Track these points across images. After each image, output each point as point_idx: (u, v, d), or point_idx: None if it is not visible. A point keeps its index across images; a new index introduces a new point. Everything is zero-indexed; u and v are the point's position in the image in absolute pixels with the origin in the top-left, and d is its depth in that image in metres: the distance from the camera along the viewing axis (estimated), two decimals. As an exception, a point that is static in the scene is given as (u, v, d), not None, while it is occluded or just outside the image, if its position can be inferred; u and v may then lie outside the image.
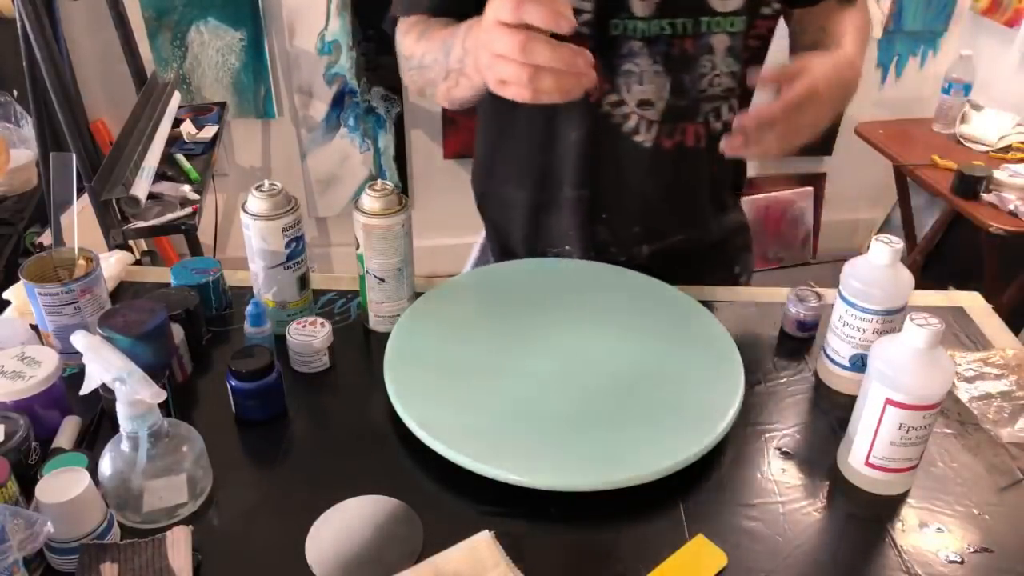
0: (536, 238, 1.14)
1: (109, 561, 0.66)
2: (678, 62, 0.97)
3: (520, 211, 1.14)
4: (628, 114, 1.00)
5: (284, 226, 0.91)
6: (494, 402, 0.83)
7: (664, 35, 0.95)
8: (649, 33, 0.95)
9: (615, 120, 1.01)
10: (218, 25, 2.41)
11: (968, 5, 2.66)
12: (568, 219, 1.10)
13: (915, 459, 0.77)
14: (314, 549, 0.70)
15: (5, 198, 1.97)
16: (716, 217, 1.15)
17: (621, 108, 1.00)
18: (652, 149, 1.02)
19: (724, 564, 0.70)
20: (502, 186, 1.15)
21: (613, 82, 0.98)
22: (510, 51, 0.71)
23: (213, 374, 0.93)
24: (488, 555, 0.69)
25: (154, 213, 1.78)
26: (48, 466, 0.72)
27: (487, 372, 0.87)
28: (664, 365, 0.90)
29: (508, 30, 0.71)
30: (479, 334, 0.93)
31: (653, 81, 0.98)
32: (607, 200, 1.07)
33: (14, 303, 0.99)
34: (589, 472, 0.75)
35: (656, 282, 1.03)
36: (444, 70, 0.89)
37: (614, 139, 1.02)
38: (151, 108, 2.03)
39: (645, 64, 0.97)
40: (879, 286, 0.84)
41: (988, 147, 2.30)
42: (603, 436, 0.79)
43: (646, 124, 1.01)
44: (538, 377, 0.87)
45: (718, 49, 0.97)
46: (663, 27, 0.95)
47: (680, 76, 0.98)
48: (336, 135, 2.64)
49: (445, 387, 0.85)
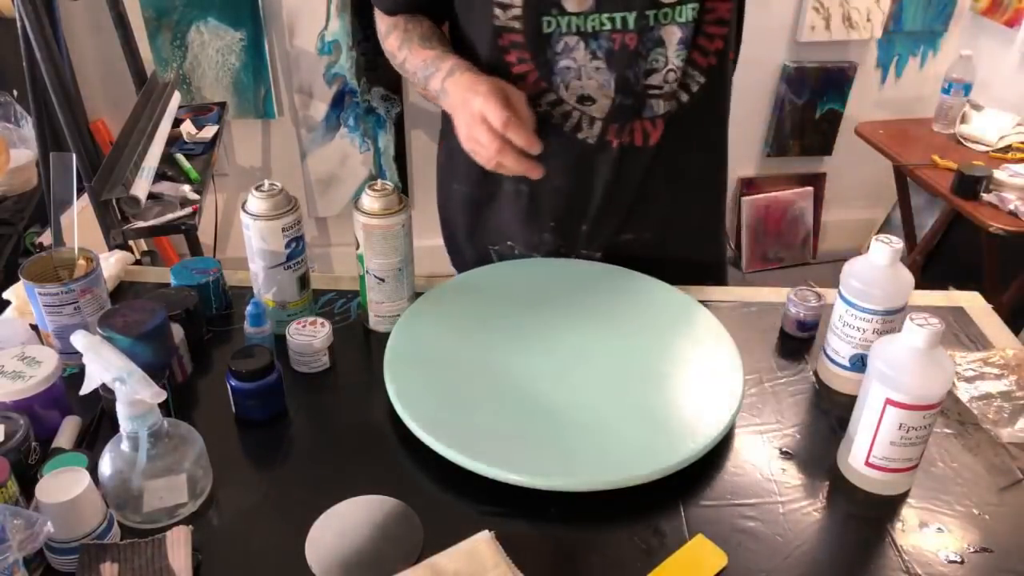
0: (479, 233, 1.14)
1: (109, 561, 0.66)
2: (622, 57, 0.94)
3: (462, 205, 1.13)
4: (568, 111, 0.98)
5: (284, 226, 0.91)
6: (494, 402, 0.83)
7: (604, 30, 0.93)
8: (586, 28, 0.93)
9: (554, 120, 0.99)
10: (218, 25, 2.41)
11: (968, 5, 2.66)
12: (509, 215, 1.08)
13: (915, 459, 0.77)
14: (314, 549, 0.70)
15: (5, 198, 1.97)
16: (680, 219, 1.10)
17: (561, 107, 0.98)
18: (596, 146, 1.00)
19: (724, 564, 0.70)
20: (450, 180, 1.15)
21: (549, 80, 0.96)
22: (488, 138, 0.86)
23: (213, 374, 0.93)
24: (488, 555, 0.69)
25: (154, 213, 1.77)
26: (48, 466, 0.72)
27: (487, 372, 0.87)
28: (664, 365, 0.90)
29: (490, 129, 0.86)
30: (479, 334, 0.93)
31: (593, 77, 0.95)
32: (550, 197, 1.06)
33: (14, 303, 0.99)
34: (589, 472, 0.75)
35: (656, 282, 1.03)
36: (422, 84, 0.99)
37: (556, 137, 0.99)
38: (151, 108, 2.03)
39: (583, 59, 0.94)
40: (879, 286, 0.84)
41: (988, 147, 2.30)
42: (603, 436, 0.79)
43: (588, 120, 0.98)
44: (538, 377, 0.87)
45: (669, 42, 0.94)
46: (602, 22, 0.92)
47: (625, 72, 0.95)
48: (336, 135, 2.64)
49: (445, 387, 0.85)
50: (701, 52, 0.96)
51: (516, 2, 0.92)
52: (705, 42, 0.96)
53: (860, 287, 0.85)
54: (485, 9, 0.94)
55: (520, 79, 0.96)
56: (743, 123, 2.80)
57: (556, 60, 0.95)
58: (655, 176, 1.04)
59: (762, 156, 2.89)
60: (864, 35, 2.66)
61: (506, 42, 0.95)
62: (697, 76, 0.98)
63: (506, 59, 0.96)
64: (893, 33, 2.70)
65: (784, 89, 2.72)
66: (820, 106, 2.77)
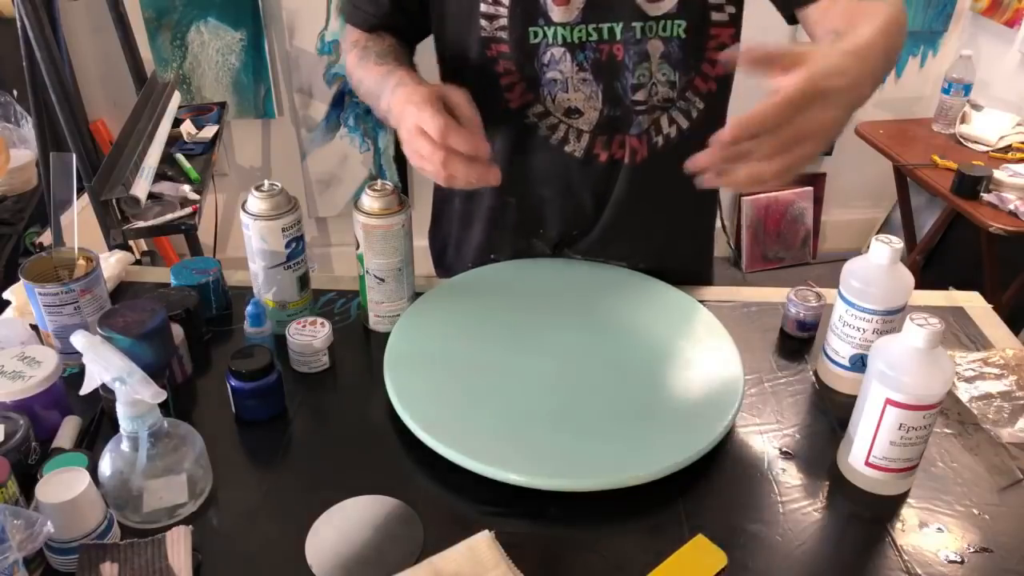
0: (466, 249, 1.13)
1: (109, 561, 0.66)
2: (608, 68, 0.93)
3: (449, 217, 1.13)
4: (555, 124, 0.97)
5: (284, 226, 0.91)
6: (494, 402, 0.83)
7: (591, 41, 0.92)
8: (572, 39, 0.92)
9: (542, 132, 0.98)
10: (218, 25, 2.41)
11: (968, 5, 2.66)
12: (494, 227, 1.07)
13: (915, 459, 0.77)
14: (314, 549, 0.70)
15: (5, 198, 1.97)
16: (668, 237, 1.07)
17: (547, 119, 0.97)
18: (582, 160, 0.99)
19: (724, 564, 0.70)
20: (439, 190, 1.15)
21: (537, 92, 0.95)
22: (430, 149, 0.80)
23: (213, 374, 0.93)
24: (488, 555, 0.69)
25: (154, 213, 1.77)
26: (48, 466, 0.72)
27: (487, 372, 0.87)
28: (664, 365, 0.90)
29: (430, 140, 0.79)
30: (479, 334, 0.93)
31: (580, 89, 0.94)
32: (538, 208, 1.04)
33: (14, 303, 0.99)
34: (589, 472, 0.75)
35: (656, 282, 1.03)
36: (376, 105, 0.94)
37: (543, 151, 0.99)
38: (151, 108, 2.03)
39: (570, 71, 0.93)
40: (879, 286, 0.84)
41: (988, 147, 2.30)
42: (603, 436, 0.79)
43: (575, 134, 0.97)
44: (538, 377, 0.87)
45: (653, 56, 0.93)
46: (588, 33, 0.91)
47: (612, 83, 0.94)
48: (336, 135, 2.64)
49: (445, 387, 0.85)
50: (702, 77, 0.96)
51: (503, 13, 0.91)
52: (707, 67, 0.95)
53: (860, 287, 0.85)
54: (472, 21, 0.93)
55: (508, 90, 0.96)
56: (743, 123, 2.80)
57: (543, 72, 0.94)
58: (644, 193, 1.02)
59: (762, 156, 2.89)
60: (864, 35, 2.65)
61: (494, 52, 0.94)
62: (697, 102, 0.97)
63: (495, 70, 0.95)
64: (893, 33, 2.69)
65: (784, 89, 2.72)
66: (820, 106, 2.76)
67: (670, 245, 1.09)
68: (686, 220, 1.10)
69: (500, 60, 0.95)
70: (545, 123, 0.97)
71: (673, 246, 1.09)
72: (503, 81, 0.96)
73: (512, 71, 0.95)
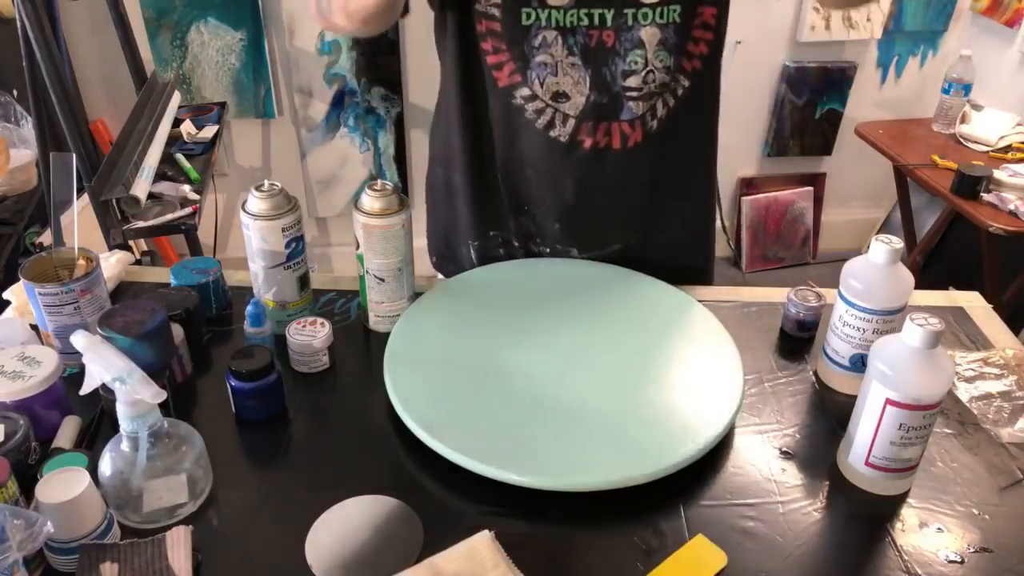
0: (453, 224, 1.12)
1: (109, 561, 0.66)
2: (598, 54, 0.93)
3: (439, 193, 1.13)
4: (541, 108, 0.97)
5: (284, 226, 0.91)
6: (494, 402, 0.83)
7: (581, 26, 0.92)
8: (564, 23, 0.92)
9: (528, 115, 0.98)
10: (218, 25, 2.41)
11: (968, 5, 2.66)
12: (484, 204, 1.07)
13: (915, 459, 0.77)
14: (314, 549, 0.70)
15: (5, 198, 1.97)
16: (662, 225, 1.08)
17: (534, 102, 0.97)
18: (567, 145, 0.99)
19: (724, 564, 0.70)
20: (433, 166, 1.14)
21: (524, 74, 0.95)
22: None
23: (213, 374, 0.93)
24: (488, 555, 0.69)
25: (154, 213, 1.77)
26: (48, 466, 0.72)
27: (487, 372, 0.87)
28: (664, 365, 0.90)
29: None
30: (479, 334, 0.93)
31: (569, 73, 0.94)
32: (524, 191, 1.05)
33: (14, 303, 0.99)
34: (589, 472, 0.75)
35: (656, 282, 1.03)
36: None
37: (529, 134, 0.99)
38: (151, 108, 2.03)
39: (560, 55, 0.93)
40: (879, 286, 0.84)
41: (988, 147, 2.30)
42: (603, 436, 0.79)
43: (561, 118, 0.97)
44: (538, 377, 0.87)
45: (649, 43, 0.93)
46: (580, 17, 0.91)
47: (601, 69, 0.94)
48: (336, 135, 2.64)
49: (445, 387, 0.85)
50: (687, 56, 0.96)
51: None
52: (691, 46, 0.96)
53: (860, 287, 0.85)
54: None
55: (495, 69, 0.96)
56: (743, 123, 2.80)
57: (533, 54, 0.94)
58: (634, 180, 1.02)
59: (762, 156, 2.89)
60: (864, 35, 2.66)
61: (483, 28, 0.94)
62: (683, 80, 0.97)
63: (482, 46, 0.95)
64: (893, 33, 2.70)
65: (784, 89, 2.72)
66: (820, 106, 2.77)
67: (665, 230, 1.08)
68: (679, 203, 1.09)
69: (489, 37, 0.94)
70: (532, 106, 0.98)
71: (669, 232, 1.09)
72: (490, 60, 0.96)
73: (501, 50, 0.95)
